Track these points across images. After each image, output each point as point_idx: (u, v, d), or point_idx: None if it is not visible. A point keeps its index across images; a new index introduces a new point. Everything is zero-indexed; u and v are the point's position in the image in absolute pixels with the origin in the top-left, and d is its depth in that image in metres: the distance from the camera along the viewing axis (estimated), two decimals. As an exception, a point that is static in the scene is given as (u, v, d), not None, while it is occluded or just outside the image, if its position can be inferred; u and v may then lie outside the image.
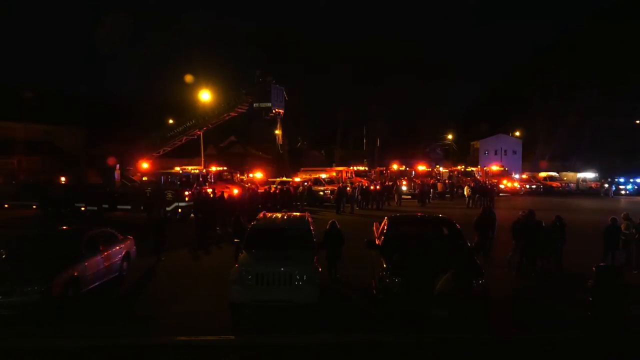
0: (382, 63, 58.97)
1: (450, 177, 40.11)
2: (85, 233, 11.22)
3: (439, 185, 36.18)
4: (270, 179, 34.77)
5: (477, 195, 30.03)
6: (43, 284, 9.01)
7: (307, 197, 29.39)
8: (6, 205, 24.86)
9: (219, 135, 53.00)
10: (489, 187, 31.92)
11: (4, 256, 10.41)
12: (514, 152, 66.28)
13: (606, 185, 40.35)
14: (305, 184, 31.55)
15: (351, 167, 41.58)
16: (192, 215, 21.58)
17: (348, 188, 28.26)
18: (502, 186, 39.24)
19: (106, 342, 8.25)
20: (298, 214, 14.07)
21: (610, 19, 63.50)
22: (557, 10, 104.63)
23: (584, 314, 8.71)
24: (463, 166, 46.81)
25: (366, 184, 31.13)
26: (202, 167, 30.50)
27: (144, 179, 25.78)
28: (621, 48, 58.00)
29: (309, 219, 11.99)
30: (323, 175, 35.39)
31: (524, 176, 45.57)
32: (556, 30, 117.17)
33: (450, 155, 71.45)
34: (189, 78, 42.67)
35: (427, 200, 31.88)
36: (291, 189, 28.88)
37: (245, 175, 35.79)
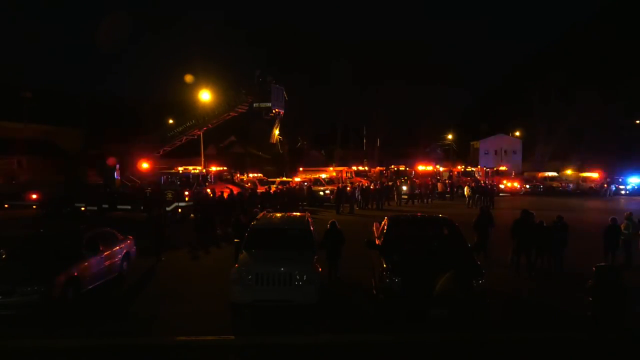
0: (382, 63, 58.92)
1: (450, 177, 40.14)
2: (85, 233, 11.24)
3: (439, 185, 36.21)
4: (270, 179, 34.81)
5: (477, 195, 30.07)
6: (43, 284, 9.02)
7: (307, 197, 29.43)
8: (6, 205, 24.84)
9: (219, 135, 52.93)
10: (489, 187, 31.97)
11: (4, 256, 10.43)
12: (514, 152, 66.29)
13: (605, 185, 40.39)
14: (305, 184, 31.57)
15: (351, 167, 41.57)
16: (192, 215, 21.58)
17: (348, 188, 28.28)
18: (502, 186, 39.26)
19: (106, 342, 8.26)
20: (298, 214, 14.08)
21: (609, 20, 63.52)
22: (557, 11, 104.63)
23: (584, 314, 8.71)
24: (463, 166, 46.82)
25: (366, 184, 31.15)
26: (202, 167, 30.47)
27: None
28: (620, 48, 58.04)
29: (309, 219, 11.99)
30: (323, 175, 35.40)
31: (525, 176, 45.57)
32: (556, 31, 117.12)
33: (450, 155, 71.41)
34: (189, 78, 42.66)
35: (425, 200, 32.21)
36: (295, 188, 28.93)
37: (245, 175, 35.80)
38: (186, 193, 22.60)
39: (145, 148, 29.51)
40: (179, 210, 22.39)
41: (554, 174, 45.01)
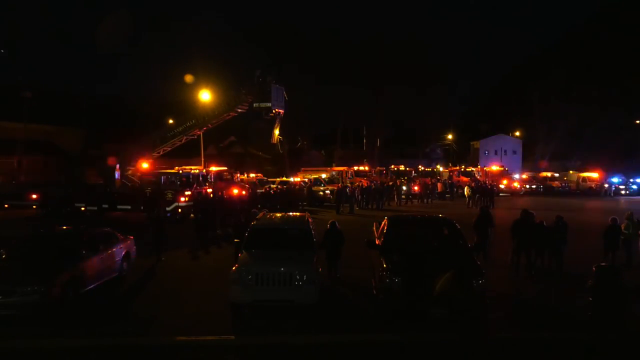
0: (382, 63, 58.68)
1: (450, 177, 40.14)
2: (85, 233, 11.24)
3: (439, 185, 36.22)
4: (270, 179, 34.82)
5: (477, 195, 30.09)
6: (43, 284, 9.00)
7: (307, 197, 29.43)
8: (6, 205, 24.84)
9: (219, 135, 52.92)
10: (489, 187, 31.98)
11: (4, 256, 10.41)
12: (514, 152, 66.35)
13: (606, 185, 40.41)
14: (305, 182, 31.60)
15: (351, 167, 41.58)
16: (192, 215, 21.58)
17: (348, 188, 28.28)
18: (502, 186, 39.26)
19: (106, 342, 8.25)
20: (298, 214, 14.08)
21: (609, 20, 63.51)
22: (557, 11, 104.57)
23: (584, 314, 8.71)
24: (463, 166, 46.81)
25: (366, 184, 31.16)
26: (202, 167, 30.45)
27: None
28: (620, 48, 58.01)
29: (309, 219, 11.99)
30: (323, 175, 35.40)
31: (524, 176, 45.55)
32: (556, 31, 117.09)
33: (450, 155, 71.37)
34: (189, 78, 42.62)
35: (425, 200, 32.36)
36: (295, 188, 28.93)
37: (246, 175, 35.81)
38: (186, 193, 22.54)
39: (145, 148, 29.49)
40: (179, 210, 22.39)
41: (555, 174, 44.95)
